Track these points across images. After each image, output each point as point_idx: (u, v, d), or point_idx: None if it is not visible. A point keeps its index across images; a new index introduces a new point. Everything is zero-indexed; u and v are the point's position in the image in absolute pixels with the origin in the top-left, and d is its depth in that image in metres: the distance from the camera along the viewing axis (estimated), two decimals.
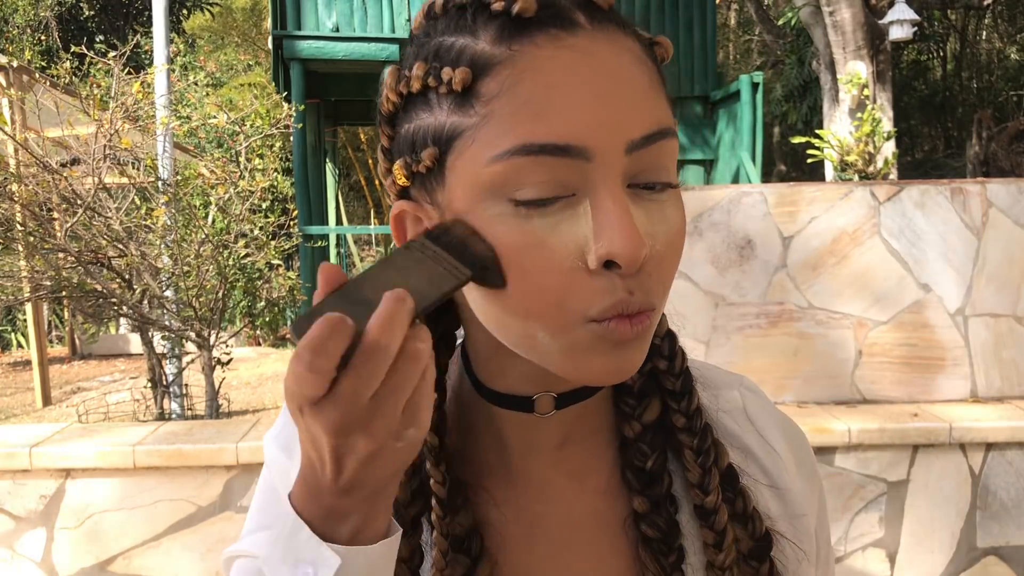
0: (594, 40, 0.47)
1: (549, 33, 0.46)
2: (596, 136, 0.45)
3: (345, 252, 10.97)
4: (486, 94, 0.46)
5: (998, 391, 3.14)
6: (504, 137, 0.45)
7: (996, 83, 15.34)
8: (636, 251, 0.45)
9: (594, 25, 0.47)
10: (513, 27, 0.46)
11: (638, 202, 0.47)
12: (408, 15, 5.78)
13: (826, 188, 3.15)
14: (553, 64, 0.46)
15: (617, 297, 0.46)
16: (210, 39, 15.70)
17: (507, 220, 0.46)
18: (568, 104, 0.45)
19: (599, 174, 0.46)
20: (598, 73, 0.46)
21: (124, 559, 2.69)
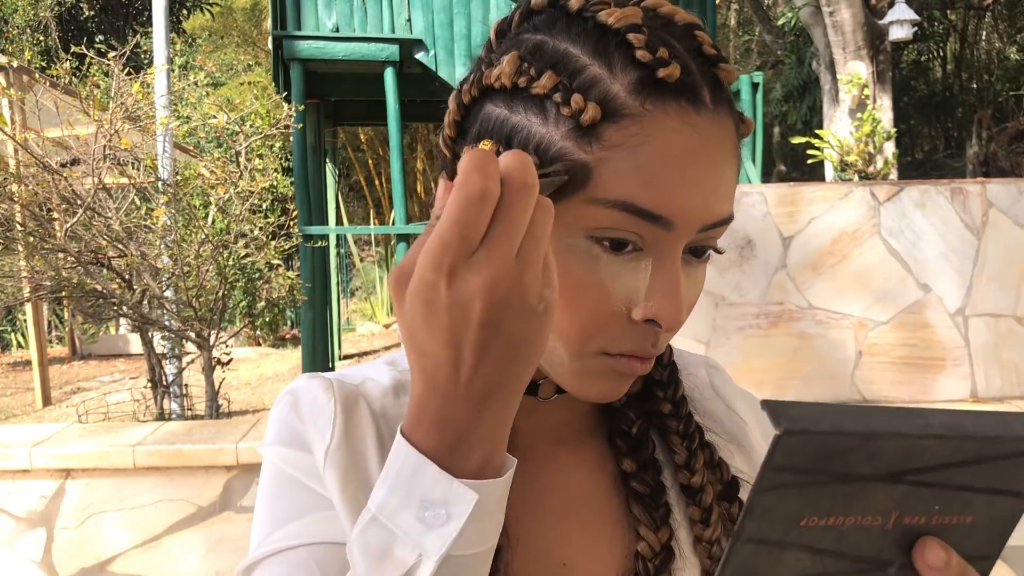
0: (712, 124, 0.50)
1: (680, 105, 0.49)
2: (685, 214, 0.49)
3: (345, 252, 10.97)
4: (607, 139, 0.48)
5: (998, 391, 3.14)
6: (612, 187, 0.48)
7: (996, 83, 15.34)
8: (679, 319, 0.50)
9: (715, 106, 0.50)
10: (652, 85, 0.48)
11: (685, 268, 0.52)
12: (408, 15, 5.78)
13: (826, 188, 3.15)
14: (676, 139, 0.48)
15: (640, 346, 0.52)
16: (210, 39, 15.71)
17: (579, 253, 0.50)
18: (676, 182, 0.48)
19: (671, 243, 0.50)
20: (707, 160, 0.49)
21: (124, 559, 2.69)
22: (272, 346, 8.67)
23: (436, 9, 5.73)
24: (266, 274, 4.44)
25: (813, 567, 0.33)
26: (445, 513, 0.42)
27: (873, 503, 0.33)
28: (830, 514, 0.32)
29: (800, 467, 0.31)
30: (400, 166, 5.60)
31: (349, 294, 11.65)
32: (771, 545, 0.32)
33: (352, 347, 8.49)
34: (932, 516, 0.34)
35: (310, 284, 5.00)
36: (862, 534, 0.33)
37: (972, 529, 0.34)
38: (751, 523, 0.32)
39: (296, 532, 0.55)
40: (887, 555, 0.34)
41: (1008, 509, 0.34)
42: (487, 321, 0.40)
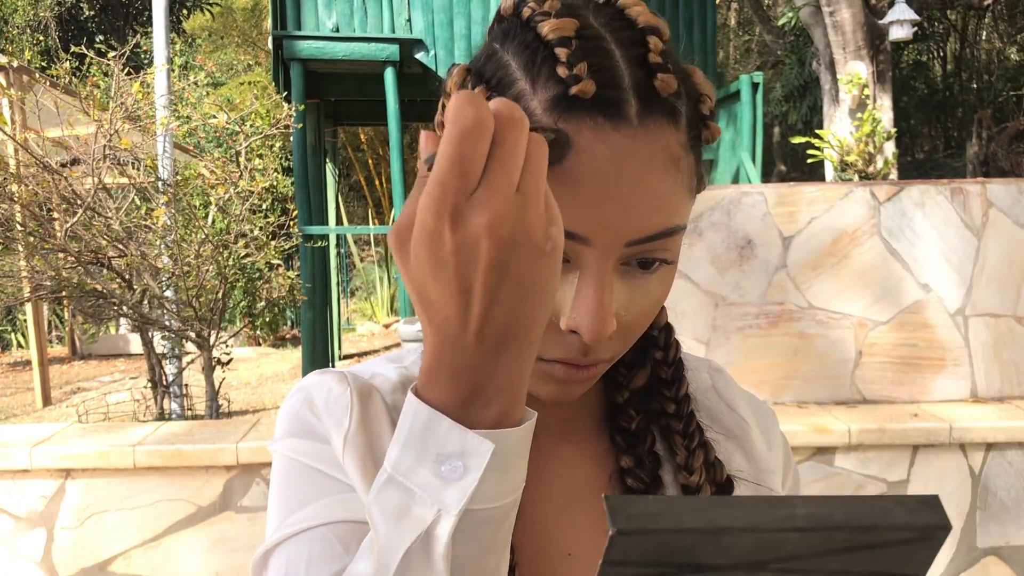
0: (633, 139, 0.49)
1: (596, 121, 0.48)
2: (598, 232, 0.49)
3: (345, 252, 10.96)
4: None
5: (998, 391, 3.14)
6: None
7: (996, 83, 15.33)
8: (599, 333, 0.50)
9: (642, 118, 0.49)
10: (567, 102, 0.48)
11: (626, 278, 0.52)
12: (408, 15, 5.78)
13: (826, 188, 3.15)
14: (586, 157, 0.48)
15: (570, 354, 0.52)
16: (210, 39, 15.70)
17: None
18: (588, 200, 0.48)
19: (592, 258, 0.50)
20: (624, 177, 0.48)
21: (124, 559, 2.69)
22: (272, 346, 8.68)
23: (436, 9, 5.73)
24: (266, 274, 4.44)
25: None
26: (463, 466, 0.40)
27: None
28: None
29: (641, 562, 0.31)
30: (400, 166, 5.60)
31: (349, 294, 11.65)
32: None
33: (352, 347, 8.49)
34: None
35: (310, 284, 5.00)
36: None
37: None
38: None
39: (315, 514, 0.54)
40: None
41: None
42: (495, 262, 0.39)
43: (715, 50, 6.78)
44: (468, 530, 0.41)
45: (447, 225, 0.38)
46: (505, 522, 0.43)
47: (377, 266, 11.00)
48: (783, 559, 0.32)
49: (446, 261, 0.39)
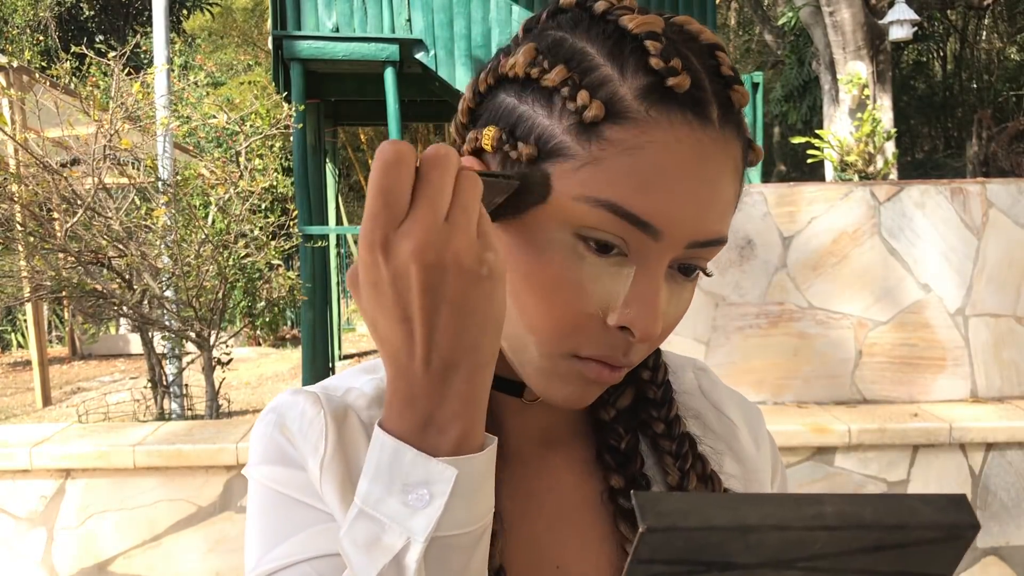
0: (715, 142, 0.50)
1: (686, 117, 0.49)
2: (673, 227, 0.49)
3: (345, 252, 10.96)
4: (608, 139, 0.49)
5: (998, 391, 3.14)
6: (604, 187, 0.49)
7: (996, 83, 15.33)
8: (653, 331, 0.50)
9: (722, 125, 0.50)
10: (660, 93, 0.49)
11: (670, 283, 0.52)
12: (408, 15, 5.78)
13: (826, 188, 3.15)
14: (675, 149, 0.48)
15: (612, 352, 0.52)
16: (210, 39, 15.70)
17: (564, 249, 0.50)
18: (669, 191, 0.48)
19: (657, 254, 0.50)
20: (704, 176, 0.49)
21: (124, 559, 2.69)
22: (272, 346, 8.67)
23: (436, 9, 5.73)
24: (266, 274, 4.44)
25: None
26: (428, 493, 0.42)
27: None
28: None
29: (671, 559, 0.31)
30: None
31: (349, 294, 11.65)
32: None
33: (352, 347, 8.49)
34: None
35: (310, 284, 5.00)
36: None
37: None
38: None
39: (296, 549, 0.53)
40: None
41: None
42: (426, 287, 0.41)
43: None
44: (438, 556, 0.42)
45: (379, 255, 0.41)
46: (477, 548, 0.44)
47: None
48: (811, 558, 0.32)
49: (385, 291, 0.41)
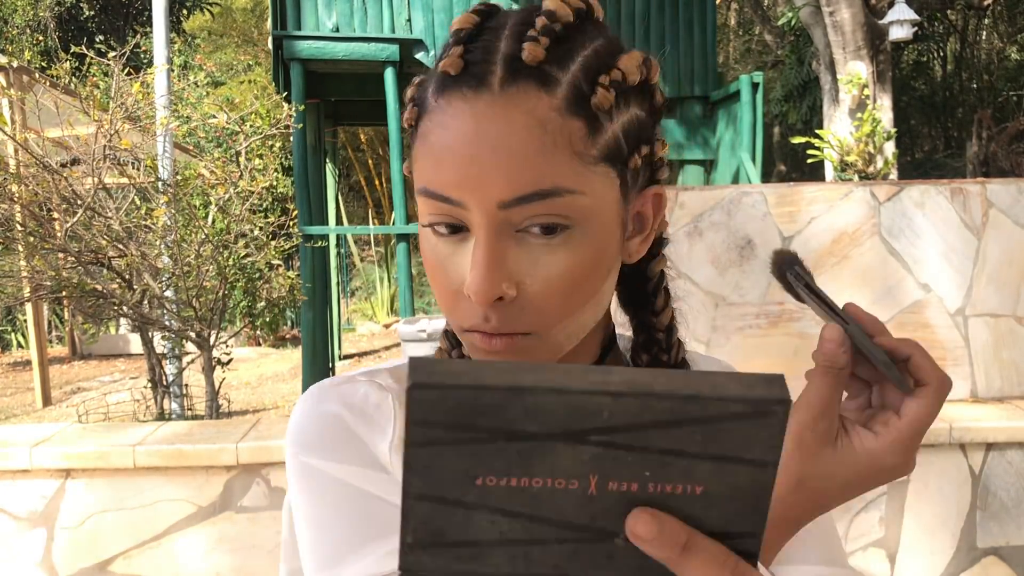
0: (491, 105, 0.52)
1: (462, 92, 0.53)
2: (469, 193, 0.52)
3: (345, 252, 10.96)
4: (420, 134, 0.55)
5: (998, 391, 3.14)
6: (419, 176, 0.55)
7: (996, 83, 15.33)
8: (482, 293, 0.52)
9: (504, 86, 0.52)
10: (443, 81, 0.54)
11: (523, 244, 0.54)
12: (408, 15, 5.78)
13: (826, 188, 3.15)
14: (452, 123, 0.53)
15: (475, 321, 0.54)
16: (210, 39, 15.69)
17: (428, 239, 0.56)
18: (451, 163, 0.52)
19: (476, 221, 0.53)
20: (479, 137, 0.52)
21: (124, 559, 2.69)
22: (272, 346, 8.67)
23: (436, 9, 5.73)
24: (266, 274, 4.44)
25: (513, 532, 0.32)
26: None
27: (558, 464, 0.31)
28: (508, 474, 0.31)
29: (447, 423, 0.30)
30: (400, 166, 5.60)
31: (349, 294, 11.65)
32: (450, 504, 0.31)
33: (352, 347, 8.49)
34: (646, 483, 0.31)
35: (310, 284, 5.00)
36: (560, 497, 0.31)
37: (708, 500, 0.32)
38: (414, 479, 0.31)
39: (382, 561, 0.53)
40: (607, 524, 0.32)
41: (748, 478, 0.31)
42: None
43: (715, 50, 6.77)
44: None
45: None
46: None
47: (377, 266, 10.99)
48: (603, 430, 0.30)
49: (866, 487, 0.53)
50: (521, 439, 0.30)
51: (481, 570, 0.32)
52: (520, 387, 0.29)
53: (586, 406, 0.30)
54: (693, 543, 0.32)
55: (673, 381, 0.30)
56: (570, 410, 0.30)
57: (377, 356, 7.90)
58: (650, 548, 0.32)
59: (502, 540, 0.32)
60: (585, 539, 0.32)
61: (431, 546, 0.32)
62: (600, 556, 0.33)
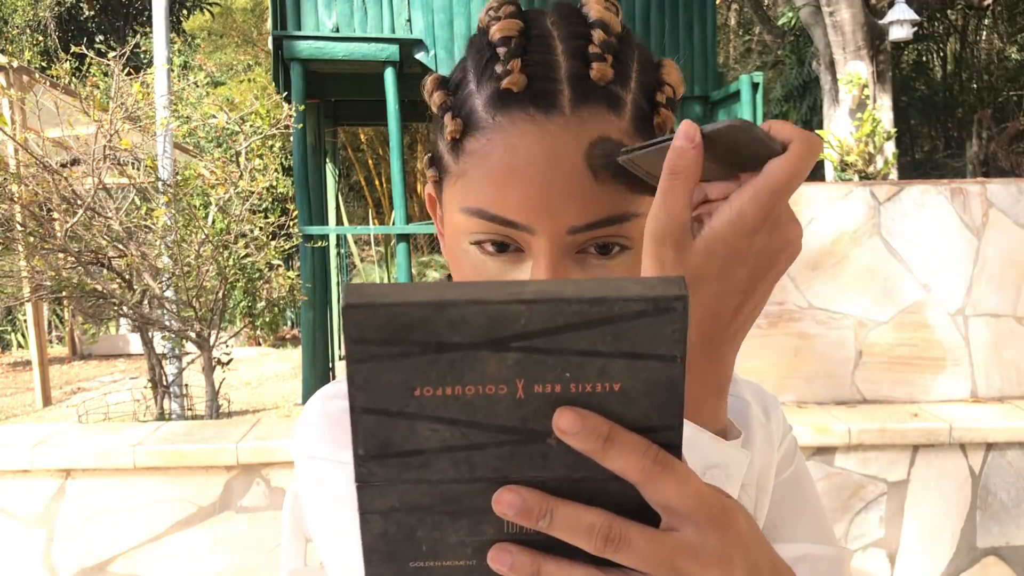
0: (566, 127, 0.50)
1: (528, 112, 0.50)
2: (540, 219, 0.51)
3: (345, 252, 10.96)
4: (468, 151, 0.52)
5: (998, 391, 3.14)
6: (471, 196, 0.52)
7: (996, 83, 15.33)
8: None
9: (576, 106, 0.51)
10: (502, 97, 0.51)
11: (583, 266, 0.53)
12: (408, 15, 5.77)
13: (826, 188, 3.15)
14: (520, 144, 0.50)
15: None
16: (210, 39, 15.69)
17: (471, 256, 0.54)
18: (521, 187, 0.50)
19: (541, 246, 0.51)
20: (554, 162, 0.50)
21: (124, 559, 2.69)
22: (272, 346, 8.67)
23: (436, 9, 5.73)
24: (266, 274, 4.43)
25: (454, 439, 0.34)
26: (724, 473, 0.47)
27: (486, 372, 0.33)
28: (442, 384, 0.33)
29: (381, 339, 0.32)
30: (400, 166, 5.60)
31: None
32: (393, 415, 0.33)
33: None
34: (568, 384, 0.33)
35: (310, 284, 5.00)
36: (492, 403, 0.33)
37: (626, 396, 0.34)
38: (358, 393, 0.33)
39: None
40: (537, 426, 0.34)
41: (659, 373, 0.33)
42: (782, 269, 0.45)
43: (715, 50, 6.77)
44: None
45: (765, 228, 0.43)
46: None
47: (377, 266, 10.99)
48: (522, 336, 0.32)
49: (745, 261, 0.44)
50: (450, 350, 0.32)
51: (428, 476, 0.34)
52: (442, 301, 0.32)
53: (504, 315, 0.32)
54: (615, 435, 0.33)
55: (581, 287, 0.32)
56: (490, 320, 0.32)
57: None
58: (575, 442, 0.33)
59: (444, 447, 0.34)
60: (519, 441, 0.34)
61: (381, 456, 0.34)
62: (536, 456, 0.34)
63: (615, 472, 0.34)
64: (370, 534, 0.35)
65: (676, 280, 0.33)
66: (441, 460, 0.34)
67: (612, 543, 0.34)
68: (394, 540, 0.35)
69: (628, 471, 0.34)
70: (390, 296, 0.31)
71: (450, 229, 0.55)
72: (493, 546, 0.35)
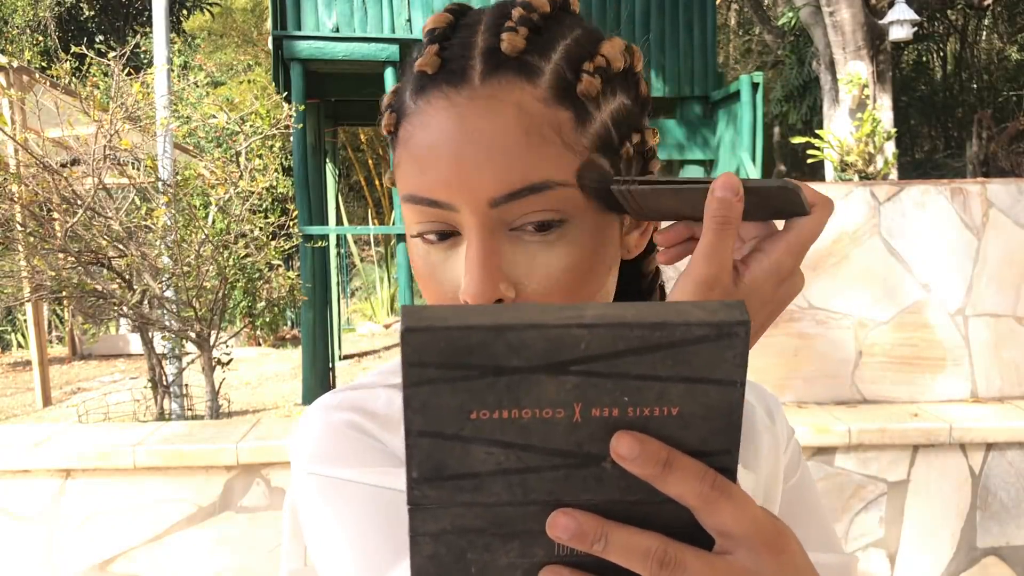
0: (473, 100, 0.50)
1: (442, 90, 0.51)
2: (458, 193, 0.50)
3: (345, 252, 10.96)
4: (400, 141, 0.53)
5: (998, 391, 3.14)
6: (403, 184, 0.53)
7: (996, 83, 15.33)
8: (479, 295, 0.50)
9: (486, 79, 0.51)
10: (421, 81, 0.52)
11: (518, 244, 0.52)
12: (408, 15, 5.77)
13: (826, 188, 3.15)
14: (434, 122, 0.51)
15: None
16: (210, 39, 15.70)
17: (417, 248, 0.54)
18: (436, 164, 0.51)
19: (467, 223, 0.51)
20: (465, 136, 0.50)
21: (125, 559, 2.69)
22: (272, 346, 8.67)
23: (436, 9, 5.72)
24: (266, 274, 4.43)
25: (509, 462, 0.34)
26: None
27: (544, 395, 0.33)
28: (499, 407, 0.33)
29: (439, 362, 0.32)
30: None
31: (349, 294, 11.65)
32: (449, 439, 0.33)
33: (352, 347, 8.48)
34: (626, 408, 0.33)
35: (310, 284, 5.00)
36: (548, 427, 0.33)
37: (684, 421, 0.34)
38: (414, 416, 0.33)
39: None
40: (593, 449, 0.34)
41: (718, 398, 0.33)
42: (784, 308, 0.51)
43: (715, 50, 6.77)
44: None
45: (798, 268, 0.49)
46: None
47: (377, 266, 10.99)
48: (582, 360, 0.32)
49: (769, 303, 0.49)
50: (508, 373, 0.32)
51: (482, 499, 0.34)
52: (502, 325, 0.32)
53: (564, 339, 0.32)
54: (673, 460, 0.33)
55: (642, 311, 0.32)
56: (549, 343, 0.32)
57: (377, 356, 7.90)
58: (634, 467, 0.33)
59: (499, 470, 0.34)
60: (574, 464, 0.34)
61: (435, 479, 0.34)
62: (590, 479, 0.35)
63: (672, 497, 0.34)
64: (420, 556, 0.35)
65: (737, 305, 0.33)
66: (495, 483, 0.34)
67: (667, 567, 0.34)
68: (444, 562, 0.35)
69: (686, 496, 0.34)
70: (449, 319, 0.31)
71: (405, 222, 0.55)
72: (544, 568, 0.35)
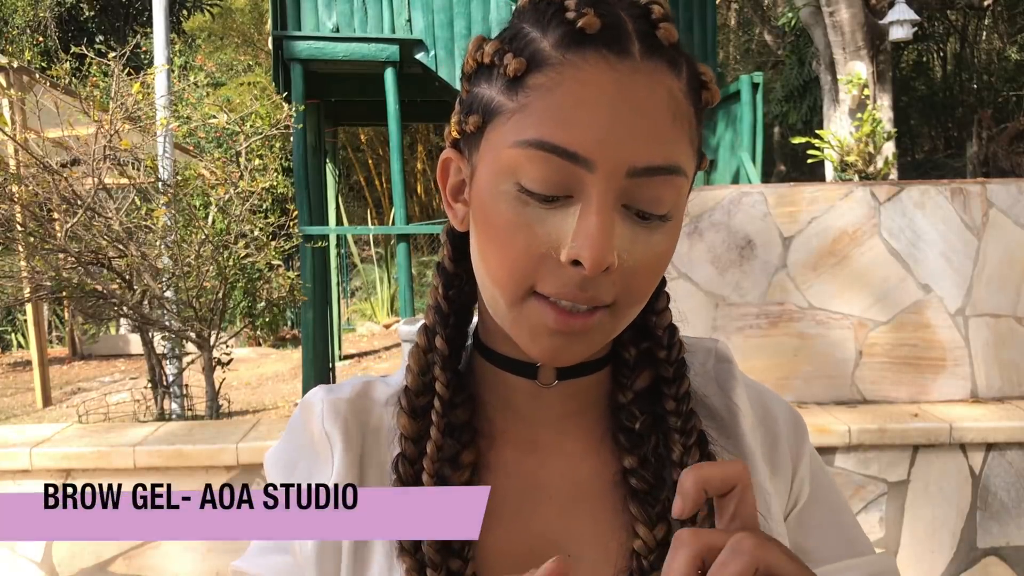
0: (635, 71, 0.51)
1: (600, 52, 0.51)
2: (602, 153, 0.50)
3: (345, 252, 10.95)
4: (531, 87, 0.52)
5: (998, 391, 3.14)
6: (530, 128, 0.51)
7: (996, 83, 15.33)
8: (600, 260, 0.50)
9: (644, 58, 0.52)
10: (574, 37, 0.52)
11: (627, 222, 0.53)
12: (408, 15, 5.77)
13: (826, 188, 3.15)
14: (592, 82, 0.51)
15: (568, 288, 0.52)
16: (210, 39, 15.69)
17: (510, 199, 0.52)
18: (588, 119, 0.50)
19: (597, 186, 0.51)
20: (624, 100, 0.51)
21: (124, 559, 2.69)
22: (272, 346, 8.67)
23: (436, 9, 5.72)
24: (266, 274, 4.43)
25: None
26: None
27: None
28: None
29: None
30: (400, 166, 5.60)
31: (349, 294, 11.65)
32: None
33: (352, 347, 8.48)
34: None
35: (310, 284, 5.00)
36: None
37: None
38: None
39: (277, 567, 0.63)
40: None
41: None
42: None
43: (715, 50, 6.77)
44: None
45: None
46: None
47: (377, 266, 10.99)
48: None
49: None
50: None
51: None
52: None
53: None
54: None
55: None
56: None
57: (377, 356, 7.90)
58: None
59: None
60: None
61: None
62: None
63: None
64: None
65: None
66: None
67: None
68: None
69: None
70: None
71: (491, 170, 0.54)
72: None
